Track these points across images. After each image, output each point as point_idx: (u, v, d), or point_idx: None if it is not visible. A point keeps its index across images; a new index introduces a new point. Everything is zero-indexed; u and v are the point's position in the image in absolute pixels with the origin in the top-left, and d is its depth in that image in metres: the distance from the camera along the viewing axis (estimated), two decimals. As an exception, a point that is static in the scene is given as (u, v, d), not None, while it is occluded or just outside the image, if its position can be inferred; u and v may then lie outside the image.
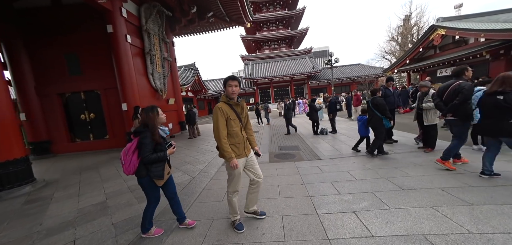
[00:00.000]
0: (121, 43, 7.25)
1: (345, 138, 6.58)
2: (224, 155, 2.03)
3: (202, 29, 14.45)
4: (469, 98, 3.13)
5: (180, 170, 4.58)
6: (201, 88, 24.09)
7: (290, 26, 42.97)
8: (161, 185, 2.11)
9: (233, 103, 2.17)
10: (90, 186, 3.98)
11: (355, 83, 31.59)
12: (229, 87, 2.11)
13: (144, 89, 8.56)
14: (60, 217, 2.80)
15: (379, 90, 4.55)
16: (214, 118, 2.06)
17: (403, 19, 30.39)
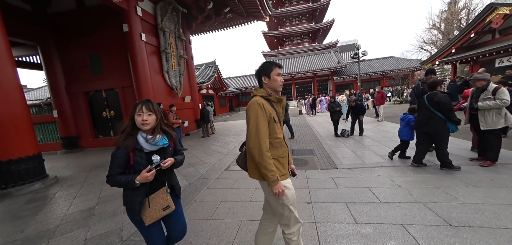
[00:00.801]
0: (136, 41, 7.37)
1: (370, 142, 5.56)
2: (266, 175, 1.32)
3: (219, 26, 14.30)
4: None
5: (180, 173, 4.30)
6: (221, 85, 24.29)
7: (314, 19, 40.67)
8: (147, 223, 1.36)
9: (274, 100, 1.49)
10: (90, 187, 3.96)
11: (386, 78, 28.40)
12: (275, 75, 1.45)
13: (159, 87, 8.68)
14: (44, 223, 2.71)
15: (440, 83, 3.44)
16: (252, 118, 1.35)
17: (448, 3, 25.91)
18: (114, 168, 1.31)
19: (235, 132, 9.67)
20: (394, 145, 4.93)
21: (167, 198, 1.42)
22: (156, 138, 1.37)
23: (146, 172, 1.28)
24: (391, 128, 7.25)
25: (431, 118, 3.29)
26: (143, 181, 1.29)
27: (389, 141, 5.54)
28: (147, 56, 7.87)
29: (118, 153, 1.32)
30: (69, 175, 4.91)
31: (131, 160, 1.32)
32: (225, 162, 4.88)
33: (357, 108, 6.50)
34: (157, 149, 1.39)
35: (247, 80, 35.39)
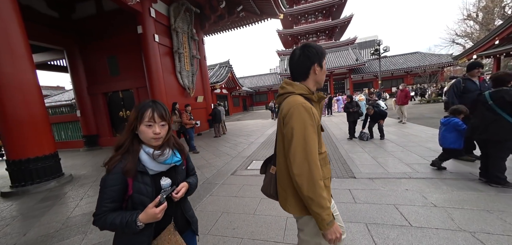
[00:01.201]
0: (150, 43, 7.48)
1: (393, 148, 4.92)
2: (319, 215, 0.92)
3: (233, 25, 14.20)
4: None
5: (186, 176, 4.17)
6: (235, 85, 24.33)
7: (331, 15, 39.03)
8: None
9: (315, 99, 1.13)
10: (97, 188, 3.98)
11: (411, 76, 26.10)
12: (323, 63, 1.10)
13: (172, 88, 8.77)
14: (47, 226, 2.70)
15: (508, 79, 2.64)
16: (298, 130, 0.95)
17: None
18: (104, 203, 0.86)
19: (246, 133, 9.45)
20: (424, 152, 4.32)
21: (177, 240, 0.97)
22: (165, 152, 0.96)
23: (154, 206, 0.87)
24: (418, 131, 6.44)
25: (495, 122, 2.57)
26: (150, 220, 0.87)
27: (417, 146, 4.87)
28: (160, 57, 7.98)
29: (109, 181, 0.87)
30: (83, 174, 5.06)
31: (129, 189, 0.89)
32: (232, 165, 4.65)
33: (376, 116, 5.88)
34: (167, 169, 0.99)
35: (261, 79, 35.13)
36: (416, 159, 4.02)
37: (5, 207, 3.48)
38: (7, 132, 4.14)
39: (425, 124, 7.55)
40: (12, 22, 4.09)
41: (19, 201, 3.72)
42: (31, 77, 4.39)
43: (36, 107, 4.35)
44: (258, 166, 4.38)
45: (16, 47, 4.13)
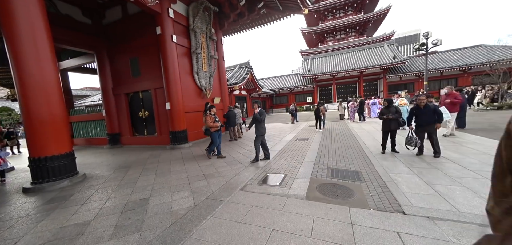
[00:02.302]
0: (168, 43, 7.41)
1: (457, 170, 3.72)
2: None
3: (253, 24, 13.70)
4: None
5: (191, 187, 3.73)
6: (255, 86, 23.88)
7: (363, 9, 35.86)
8: None
9: None
10: (101, 193, 3.82)
11: (468, 75, 21.77)
12: None
13: (188, 89, 8.64)
14: (37, 237, 2.51)
15: None
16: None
17: None
18: None
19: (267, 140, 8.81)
20: None
21: None
22: None
23: None
24: (488, 147, 4.96)
25: None
26: None
27: (489, 172, 3.61)
28: (178, 57, 7.87)
29: None
30: (96, 174, 5.06)
31: None
32: (243, 177, 4.07)
33: (428, 113, 4.49)
34: None
35: (282, 81, 34.07)
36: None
37: (19, 205, 3.51)
38: (31, 130, 4.27)
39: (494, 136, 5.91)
40: (39, 29, 4.23)
41: (33, 198, 3.76)
42: (54, 78, 4.48)
43: (57, 107, 4.46)
44: (272, 181, 3.72)
45: (41, 50, 4.25)
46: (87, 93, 32.15)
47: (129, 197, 3.52)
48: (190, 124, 8.57)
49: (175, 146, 7.52)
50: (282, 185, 3.56)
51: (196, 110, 9.18)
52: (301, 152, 5.89)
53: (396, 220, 2.40)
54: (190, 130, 8.49)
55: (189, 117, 8.52)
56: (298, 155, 5.58)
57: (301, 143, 7.16)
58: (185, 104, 8.21)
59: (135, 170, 5.13)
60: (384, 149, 5.22)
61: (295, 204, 2.91)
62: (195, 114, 9.10)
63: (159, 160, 6.02)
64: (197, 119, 9.09)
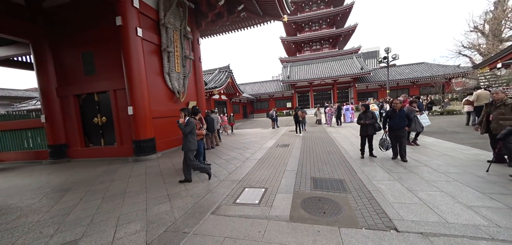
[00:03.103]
0: (131, 37, 6.42)
1: (431, 174, 3.69)
2: None
3: (233, 26, 13.25)
4: None
5: (146, 216, 2.93)
6: (235, 91, 23.30)
7: (335, 24, 38.64)
8: None
9: None
10: (12, 232, 2.75)
11: (416, 86, 25.27)
12: None
13: (157, 91, 7.65)
14: None
15: None
16: None
17: (495, 3, 22.24)
18: None
19: (242, 144, 8.23)
20: (480, 184, 3.07)
21: None
22: None
23: None
24: (451, 149, 5.22)
25: None
26: None
27: (463, 173, 3.65)
28: (144, 54, 6.90)
29: None
30: (8, 205, 3.73)
31: None
32: (216, 195, 3.42)
33: (402, 117, 4.58)
34: None
35: (263, 86, 34.22)
36: (478, 198, 2.78)
37: None
38: None
39: (452, 139, 6.35)
40: None
41: None
42: None
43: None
44: (251, 199, 3.15)
45: None
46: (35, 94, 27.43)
47: (47, 241, 2.47)
48: (160, 131, 7.56)
49: (139, 158, 6.43)
50: (262, 203, 3.02)
51: (167, 115, 8.19)
52: (282, 160, 5.46)
53: (391, 240, 2.09)
54: (160, 138, 7.47)
55: (158, 123, 7.50)
56: (280, 163, 5.13)
57: (282, 149, 6.77)
58: (153, 109, 7.19)
59: (75, 194, 3.98)
60: (363, 154, 5.15)
61: (278, 229, 2.39)
62: (166, 120, 8.10)
63: (114, 177, 4.94)
64: (168, 126, 8.10)
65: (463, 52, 24.26)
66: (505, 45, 18.31)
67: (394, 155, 4.78)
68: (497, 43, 18.51)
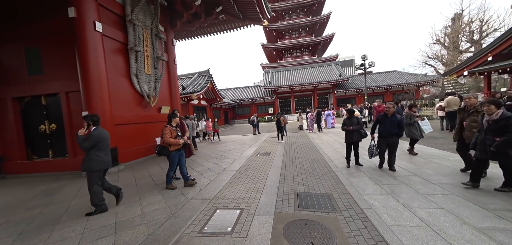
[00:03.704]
0: (88, 32, 5.50)
1: (422, 183, 3.50)
2: None
3: (212, 29, 12.67)
4: None
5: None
6: (215, 96, 22.48)
7: (314, 33, 40.19)
8: None
9: None
10: None
11: (390, 93, 27.09)
12: None
13: (122, 94, 6.71)
14: None
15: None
16: None
17: (452, 19, 25.22)
18: None
19: (219, 153, 7.58)
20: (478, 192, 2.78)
21: None
22: None
23: None
24: (433, 156, 5.22)
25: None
26: None
27: (455, 185, 3.50)
28: (106, 52, 5.99)
29: None
30: None
31: None
32: (179, 221, 2.77)
33: (393, 124, 4.22)
34: None
35: (244, 92, 33.84)
36: (485, 217, 2.52)
37: None
38: None
39: (433, 145, 6.43)
40: None
41: None
42: None
43: None
44: (223, 225, 2.58)
45: None
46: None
47: None
48: (125, 139, 6.61)
49: (95, 172, 5.41)
50: (235, 231, 2.45)
51: (135, 121, 7.25)
52: (262, 170, 4.97)
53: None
54: (124, 147, 6.51)
55: (122, 131, 6.55)
56: (259, 175, 4.63)
57: (262, 158, 6.29)
58: (115, 114, 6.25)
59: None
60: (349, 162, 4.87)
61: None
62: (134, 127, 7.16)
63: (53, 199, 3.95)
64: (135, 133, 7.16)
65: (428, 62, 26.78)
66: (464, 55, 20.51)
67: (380, 163, 4.47)
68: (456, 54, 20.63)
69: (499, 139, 2.83)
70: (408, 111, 5.50)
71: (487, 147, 2.90)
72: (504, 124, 2.79)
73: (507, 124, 2.78)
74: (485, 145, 2.94)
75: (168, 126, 3.96)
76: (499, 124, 2.83)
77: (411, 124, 5.39)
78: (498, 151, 2.81)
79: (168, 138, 3.83)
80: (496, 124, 2.85)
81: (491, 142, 2.88)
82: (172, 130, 3.90)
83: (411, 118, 5.39)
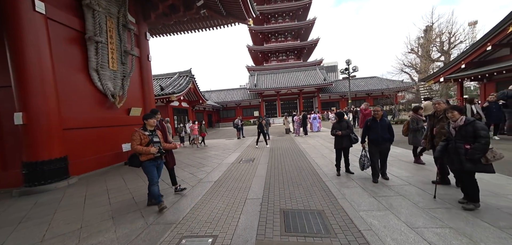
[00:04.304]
0: (23, 13, 4.42)
1: (420, 195, 3.10)
2: None
3: (193, 25, 11.79)
4: None
5: None
6: (198, 98, 21.35)
7: (299, 37, 40.82)
8: None
9: None
10: None
11: (371, 98, 28.25)
12: None
13: (78, 91, 5.63)
14: None
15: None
16: None
17: (424, 30, 27.17)
18: None
19: (198, 160, 6.76)
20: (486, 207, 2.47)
21: None
22: None
23: None
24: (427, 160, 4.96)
25: None
26: None
27: (450, 197, 3.14)
28: (52, 40, 4.92)
29: None
30: None
31: None
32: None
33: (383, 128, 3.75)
34: None
35: (229, 94, 33.00)
36: (496, 237, 2.13)
37: None
38: None
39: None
40: None
41: None
42: None
43: None
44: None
45: None
46: None
47: None
48: (79, 146, 5.54)
49: (33, 189, 4.30)
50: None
51: (95, 125, 6.18)
52: (244, 181, 4.30)
53: None
54: (79, 155, 5.44)
55: (76, 136, 5.47)
56: (241, 187, 3.96)
57: (245, 166, 5.62)
58: (66, 117, 5.18)
59: None
60: (339, 170, 4.39)
61: None
62: (93, 131, 6.10)
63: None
64: (96, 139, 6.11)
65: (404, 70, 28.40)
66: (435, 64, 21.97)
67: (374, 176, 3.80)
68: (429, 62, 22.02)
69: (469, 146, 2.56)
70: (414, 115, 4.84)
71: (461, 156, 2.61)
72: (472, 129, 2.56)
73: (474, 128, 2.54)
74: (459, 154, 2.63)
75: (139, 130, 3.10)
76: (467, 130, 2.60)
77: (418, 129, 4.64)
78: (471, 159, 2.54)
79: (135, 145, 3.01)
80: (464, 130, 2.62)
81: (464, 150, 2.61)
82: (142, 135, 3.06)
83: (418, 123, 4.69)
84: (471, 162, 2.55)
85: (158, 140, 3.20)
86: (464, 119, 2.65)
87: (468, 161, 2.55)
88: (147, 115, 3.25)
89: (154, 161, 3.14)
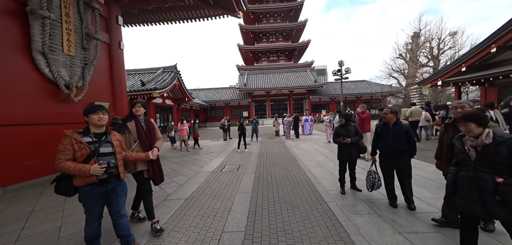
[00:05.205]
0: None
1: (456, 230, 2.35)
2: None
3: (177, 15, 10.60)
4: None
5: None
6: (184, 96, 19.97)
7: (290, 38, 40.55)
8: None
9: None
10: None
11: (360, 101, 28.51)
12: None
13: (12, 78, 4.37)
14: None
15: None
16: None
17: (412, 36, 27.88)
18: None
19: (170, 166, 5.70)
20: None
21: None
22: None
23: None
24: (432, 173, 4.33)
25: None
26: None
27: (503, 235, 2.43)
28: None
29: None
30: None
31: None
32: None
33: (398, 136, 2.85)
34: None
35: (218, 93, 31.78)
36: None
37: None
38: None
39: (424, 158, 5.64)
40: None
41: None
42: None
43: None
44: None
45: None
46: None
47: None
48: (12, 148, 4.29)
49: None
50: None
51: (38, 121, 4.92)
52: (224, 199, 3.36)
53: None
54: (11, 161, 4.20)
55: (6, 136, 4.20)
56: (218, 209, 3.02)
57: (228, 176, 4.67)
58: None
59: None
60: (343, 187, 3.59)
61: None
62: (37, 129, 4.84)
63: None
64: (42, 140, 4.86)
65: (392, 75, 28.92)
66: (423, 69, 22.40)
67: (391, 199, 2.96)
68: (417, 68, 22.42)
69: (502, 180, 1.51)
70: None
71: (486, 193, 1.57)
72: (508, 151, 1.51)
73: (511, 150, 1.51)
74: (482, 190, 1.59)
75: (71, 134, 1.84)
76: (497, 152, 1.55)
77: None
78: (506, 200, 1.50)
79: (62, 162, 1.76)
80: (494, 152, 1.57)
81: (491, 185, 1.55)
82: (75, 143, 1.81)
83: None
84: (504, 206, 1.51)
85: (110, 150, 1.96)
86: (493, 134, 1.60)
87: (499, 204, 1.53)
88: (89, 108, 1.96)
89: (100, 187, 1.90)
